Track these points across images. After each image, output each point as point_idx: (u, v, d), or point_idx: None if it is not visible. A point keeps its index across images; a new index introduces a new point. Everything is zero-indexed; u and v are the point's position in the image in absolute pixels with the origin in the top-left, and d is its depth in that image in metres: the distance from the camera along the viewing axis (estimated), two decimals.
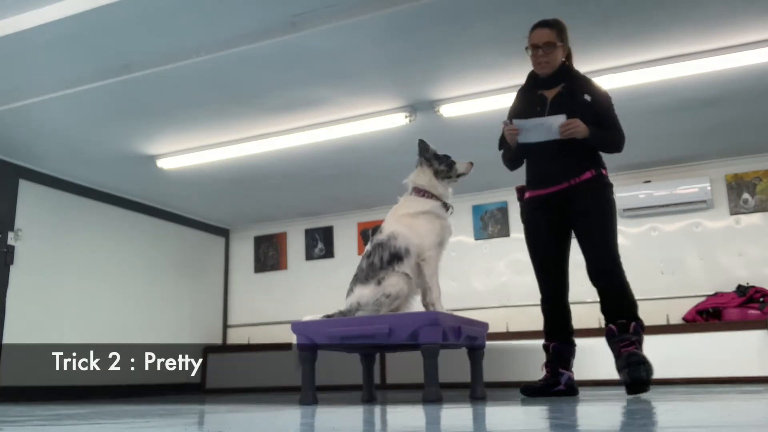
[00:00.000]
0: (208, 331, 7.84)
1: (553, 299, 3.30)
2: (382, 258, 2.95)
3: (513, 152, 3.30)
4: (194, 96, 4.65)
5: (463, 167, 3.26)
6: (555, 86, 3.21)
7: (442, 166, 3.20)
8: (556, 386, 3.21)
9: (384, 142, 5.48)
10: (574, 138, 3.05)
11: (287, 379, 6.46)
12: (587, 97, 3.13)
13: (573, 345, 3.29)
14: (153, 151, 5.69)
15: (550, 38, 3.13)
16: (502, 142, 3.35)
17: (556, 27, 3.18)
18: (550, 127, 3.06)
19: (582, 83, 3.19)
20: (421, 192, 3.15)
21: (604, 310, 3.10)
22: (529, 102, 3.27)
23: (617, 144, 3.20)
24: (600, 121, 3.13)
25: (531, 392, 3.27)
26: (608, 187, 3.22)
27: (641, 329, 3.02)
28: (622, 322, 3.00)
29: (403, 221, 3.07)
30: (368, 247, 3.06)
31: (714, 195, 6.19)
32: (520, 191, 3.47)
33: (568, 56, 3.26)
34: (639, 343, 2.99)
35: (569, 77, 3.20)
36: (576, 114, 3.07)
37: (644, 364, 2.89)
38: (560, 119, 3.06)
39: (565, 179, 3.16)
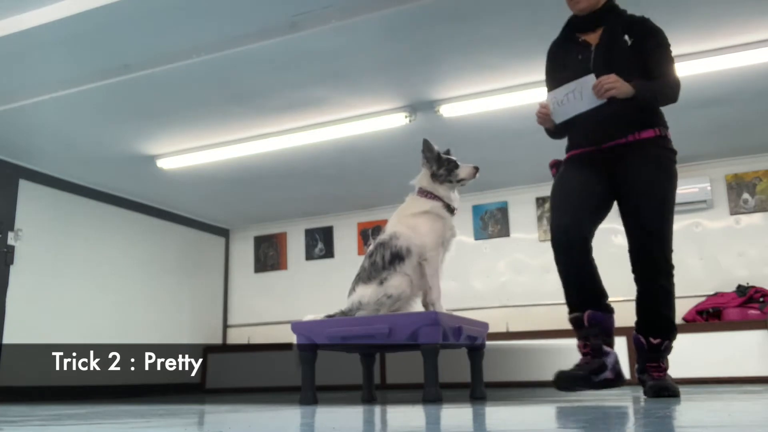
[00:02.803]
0: (208, 331, 7.84)
1: (574, 240, 2.53)
2: (383, 257, 2.95)
3: (554, 129, 2.75)
4: (194, 96, 4.65)
5: (465, 172, 3.10)
6: (597, 28, 2.63)
7: (441, 170, 3.07)
8: (602, 372, 2.52)
9: (384, 142, 5.48)
10: (633, 99, 2.49)
11: (287, 379, 6.46)
12: (627, 38, 2.55)
13: (612, 313, 2.63)
14: (153, 151, 5.69)
15: None
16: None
17: None
18: (583, 91, 2.49)
19: (625, 21, 2.60)
20: (424, 193, 3.14)
21: (640, 314, 2.64)
22: (566, 52, 2.69)
23: (671, 95, 2.59)
24: (649, 66, 2.56)
25: (570, 383, 2.52)
26: (673, 154, 2.67)
27: (673, 339, 2.69)
28: (656, 342, 2.62)
29: (405, 221, 3.06)
30: (371, 246, 3.06)
31: (714, 195, 6.19)
32: (555, 166, 2.83)
33: None
34: (666, 359, 2.70)
35: (612, 14, 2.63)
36: (614, 63, 2.50)
37: (672, 394, 2.63)
38: (590, 80, 2.48)
39: (620, 134, 2.56)
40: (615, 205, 2.74)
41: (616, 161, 2.60)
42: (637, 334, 2.65)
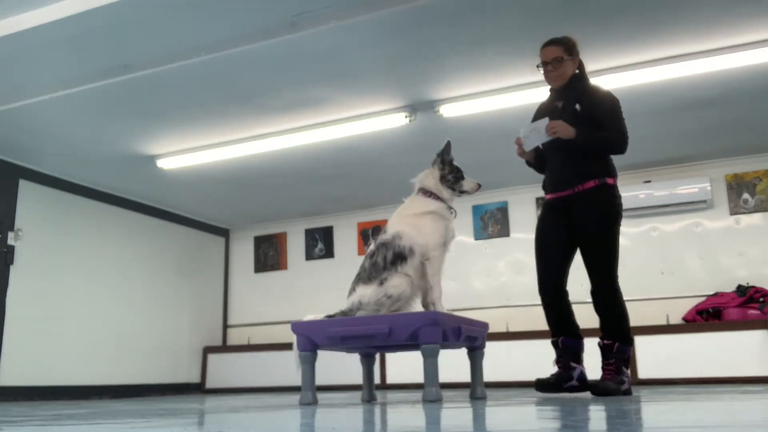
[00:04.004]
0: (208, 331, 7.84)
1: (550, 291, 3.41)
2: (385, 258, 2.95)
3: (532, 162, 3.57)
4: (194, 96, 4.65)
5: (469, 185, 3.23)
6: (566, 97, 3.40)
7: (450, 175, 3.18)
8: (569, 381, 3.30)
9: (384, 142, 5.48)
10: (569, 142, 3.22)
11: (287, 379, 6.48)
12: (577, 107, 3.32)
13: (581, 339, 3.41)
14: (153, 151, 5.69)
15: (557, 54, 3.36)
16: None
17: (563, 43, 3.39)
18: (540, 130, 3.29)
19: (579, 94, 3.36)
20: (427, 193, 3.15)
21: (600, 323, 3.31)
22: (544, 112, 3.48)
23: (610, 144, 3.29)
24: (599, 126, 3.27)
25: (544, 387, 3.35)
26: (613, 198, 3.30)
27: (627, 345, 3.24)
28: (608, 343, 3.24)
29: (408, 221, 3.06)
30: (372, 246, 3.05)
31: (714, 195, 6.19)
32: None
33: (581, 68, 3.46)
34: (622, 361, 3.22)
35: (575, 86, 3.39)
36: (566, 122, 3.25)
37: (602, 392, 3.14)
38: (545, 122, 3.28)
39: (569, 186, 3.33)
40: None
41: (570, 208, 3.34)
42: (600, 337, 3.32)
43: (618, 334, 3.23)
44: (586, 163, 3.29)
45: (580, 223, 3.30)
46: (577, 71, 3.44)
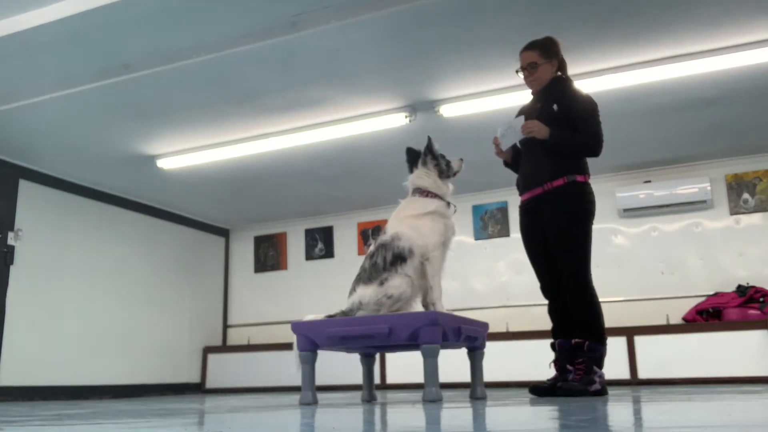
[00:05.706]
0: (208, 331, 7.84)
1: (550, 296, 3.43)
2: (385, 259, 2.94)
3: (509, 162, 3.59)
4: (194, 96, 4.65)
5: (458, 165, 3.29)
6: (545, 99, 3.42)
7: (445, 166, 3.22)
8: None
9: (384, 142, 5.48)
10: (543, 142, 3.25)
11: (287, 379, 6.48)
12: (554, 107, 3.32)
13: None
14: (153, 151, 5.69)
15: (531, 59, 3.39)
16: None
17: (539, 47, 3.39)
18: (515, 128, 3.34)
19: (558, 95, 3.36)
20: (424, 193, 3.14)
21: (572, 322, 3.30)
22: (525, 114, 3.47)
23: (584, 147, 3.29)
24: (575, 128, 3.28)
25: (539, 392, 3.31)
26: (582, 195, 3.28)
27: (599, 345, 3.21)
28: (578, 342, 3.23)
29: (407, 222, 3.06)
30: (372, 247, 3.05)
31: (714, 195, 6.19)
32: None
33: (562, 67, 3.45)
34: (593, 360, 3.18)
35: (553, 89, 3.39)
36: (543, 122, 3.28)
37: (573, 393, 3.13)
38: (520, 120, 3.34)
39: (539, 184, 3.33)
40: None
41: (541, 208, 3.33)
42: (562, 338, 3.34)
43: (589, 333, 3.21)
44: (556, 161, 3.28)
45: (548, 221, 3.29)
46: (558, 73, 3.43)
